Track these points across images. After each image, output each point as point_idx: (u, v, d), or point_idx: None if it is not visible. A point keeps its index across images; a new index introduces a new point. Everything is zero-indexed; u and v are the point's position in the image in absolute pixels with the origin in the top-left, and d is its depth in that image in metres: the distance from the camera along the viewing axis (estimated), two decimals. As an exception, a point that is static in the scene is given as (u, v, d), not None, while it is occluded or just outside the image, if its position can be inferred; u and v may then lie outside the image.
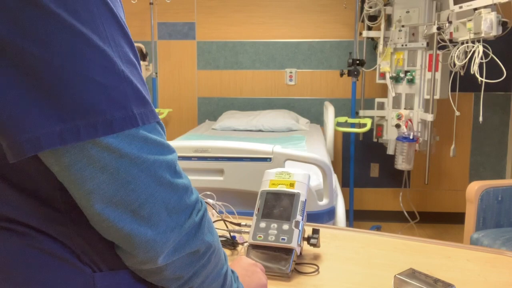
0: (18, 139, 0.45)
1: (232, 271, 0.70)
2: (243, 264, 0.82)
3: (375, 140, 3.48)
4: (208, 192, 1.27)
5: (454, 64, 2.60)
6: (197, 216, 0.56)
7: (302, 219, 0.98)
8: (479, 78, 2.37)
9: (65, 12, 0.45)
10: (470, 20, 2.38)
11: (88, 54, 0.46)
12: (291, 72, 3.79)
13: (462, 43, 2.51)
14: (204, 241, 0.57)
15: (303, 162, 1.76)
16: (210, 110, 3.90)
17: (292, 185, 1.01)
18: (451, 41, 2.73)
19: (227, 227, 1.11)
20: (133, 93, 0.49)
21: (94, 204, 0.49)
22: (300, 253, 0.98)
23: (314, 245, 1.00)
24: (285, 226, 0.96)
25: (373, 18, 3.32)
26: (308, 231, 1.04)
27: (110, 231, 0.51)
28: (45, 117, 0.45)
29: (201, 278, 0.60)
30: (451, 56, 2.64)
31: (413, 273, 0.89)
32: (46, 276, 0.52)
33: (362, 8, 3.33)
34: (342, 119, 3.42)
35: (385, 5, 3.21)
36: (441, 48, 2.90)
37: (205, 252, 0.58)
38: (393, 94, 3.17)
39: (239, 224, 1.13)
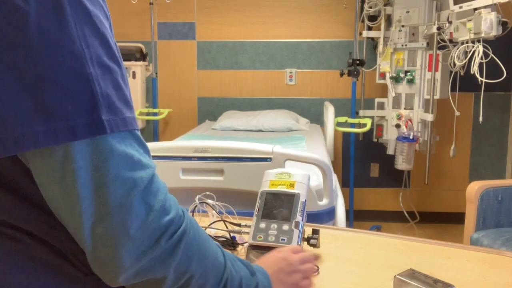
0: None
1: (253, 274, 0.64)
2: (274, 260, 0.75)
3: (375, 140, 3.48)
4: (208, 193, 1.27)
5: (454, 64, 2.60)
6: (169, 240, 0.51)
7: (302, 220, 0.98)
8: (479, 78, 2.37)
9: (35, 10, 0.43)
10: (470, 20, 2.38)
11: (53, 55, 0.43)
12: (291, 72, 3.79)
13: (462, 43, 2.51)
14: (177, 269, 0.52)
15: (303, 162, 1.76)
16: (210, 110, 3.90)
17: (292, 185, 1.01)
18: (451, 41, 2.73)
19: (227, 227, 1.11)
20: (101, 98, 0.46)
21: (56, 212, 0.48)
22: (300, 254, 0.97)
23: (314, 246, 1.00)
24: (285, 227, 0.96)
25: (373, 18, 3.32)
26: (308, 231, 1.04)
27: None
28: (4, 121, 0.43)
29: None
30: (451, 56, 2.64)
31: (412, 274, 0.89)
32: (36, 280, 0.51)
33: (362, 8, 3.33)
34: (342, 119, 3.42)
35: (385, 5, 3.21)
36: (441, 48, 2.90)
37: (177, 279, 0.53)
38: (393, 94, 3.17)
39: (239, 225, 1.13)
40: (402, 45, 3.11)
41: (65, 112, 0.43)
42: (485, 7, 2.29)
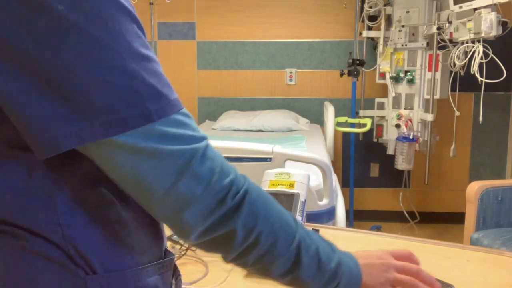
0: (38, 140, 0.47)
1: (334, 250, 0.66)
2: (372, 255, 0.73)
3: (375, 140, 3.48)
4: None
5: (454, 64, 2.60)
6: (233, 199, 0.55)
7: (302, 219, 0.98)
8: (479, 78, 2.37)
9: (74, 13, 0.45)
10: (470, 20, 2.38)
11: (96, 54, 0.46)
12: (291, 72, 3.79)
13: (462, 43, 2.51)
14: (245, 225, 0.56)
15: (303, 162, 1.76)
16: (210, 110, 3.90)
17: (291, 185, 1.01)
18: (451, 41, 2.73)
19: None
20: (146, 89, 0.49)
21: (125, 190, 0.53)
22: (300, 254, 0.97)
23: (314, 246, 1.00)
24: (285, 227, 0.96)
25: (373, 18, 3.32)
26: (308, 231, 1.03)
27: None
28: (61, 118, 0.46)
29: (253, 256, 0.59)
30: (451, 56, 2.64)
31: (413, 274, 0.88)
32: (36, 278, 0.51)
33: (362, 8, 3.33)
34: (342, 119, 3.42)
35: (385, 5, 3.21)
36: (441, 48, 2.90)
37: (246, 236, 0.57)
38: (393, 94, 3.17)
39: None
40: (402, 45, 3.11)
41: (115, 107, 0.47)
42: (485, 7, 2.29)
